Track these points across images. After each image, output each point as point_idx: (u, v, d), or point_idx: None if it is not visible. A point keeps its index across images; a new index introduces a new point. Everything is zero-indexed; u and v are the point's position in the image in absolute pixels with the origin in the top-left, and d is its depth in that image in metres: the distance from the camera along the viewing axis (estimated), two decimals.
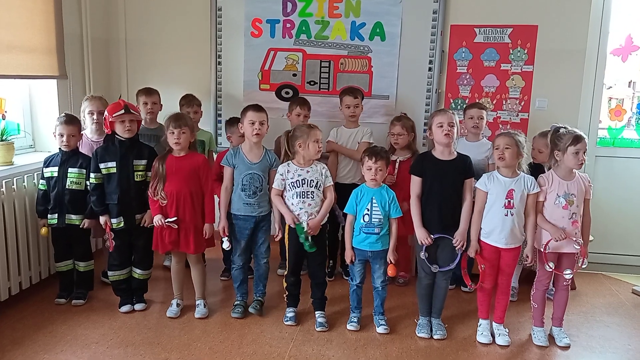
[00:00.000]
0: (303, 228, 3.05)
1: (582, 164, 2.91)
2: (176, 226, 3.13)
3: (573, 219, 2.93)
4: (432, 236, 3.00)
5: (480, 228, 3.03)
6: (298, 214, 3.09)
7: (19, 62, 3.59)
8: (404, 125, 3.70)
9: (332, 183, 3.21)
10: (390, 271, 3.07)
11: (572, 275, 3.00)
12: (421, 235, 3.01)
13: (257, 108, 3.23)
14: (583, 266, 2.98)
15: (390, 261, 3.07)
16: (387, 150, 3.73)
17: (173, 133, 3.12)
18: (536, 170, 3.16)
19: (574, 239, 2.92)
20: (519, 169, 2.99)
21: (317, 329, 3.15)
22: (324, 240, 3.23)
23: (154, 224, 3.14)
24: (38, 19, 3.75)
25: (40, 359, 2.77)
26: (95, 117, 3.55)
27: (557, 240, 2.92)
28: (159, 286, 3.68)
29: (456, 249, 3.00)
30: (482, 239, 3.03)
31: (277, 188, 3.15)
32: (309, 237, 3.06)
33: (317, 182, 3.14)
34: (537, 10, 4.05)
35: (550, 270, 2.97)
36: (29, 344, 2.90)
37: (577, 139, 2.89)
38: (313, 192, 3.12)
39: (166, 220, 3.11)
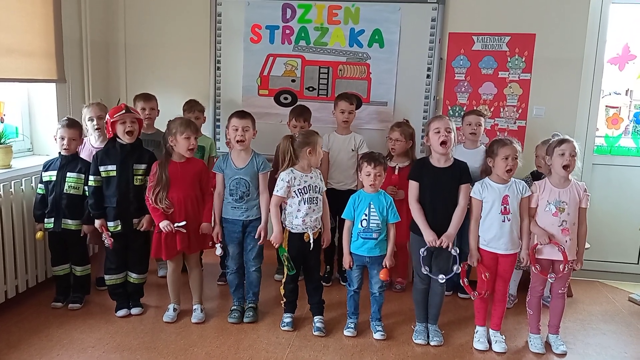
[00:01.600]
0: (285, 250, 3.10)
1: (568, 165, 2.91)
2: (185, 231, 3.12)
3: (563, 226, 2.94)
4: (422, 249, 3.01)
5: (478, 236, 3.04)
6: (303, 220, 3.09)
7: (18, 65, 3.60)
8: (402, 132, 3.70)
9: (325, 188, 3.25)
10: (383, 275, 3.05)
11: (554, 280, 3.00)
12: (429, 237, 2.99)
13: (241, 114, 3.23)
14: (564, 272, 2.96)
15: (385, 265, 3.07)
16: (385, 156, 3.75)
17: (189, 138, 3.13)
18: (537, 179, 3.18)
19: (559, 244, 2.92)
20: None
21: (315, 334, 3.15)
22: (319, 244, 3.21)
23: (162, 230, 3.10)
24: (37, 23, 3.75)
25: None
26: (95, 122, 3.55)
27: (541, 244, 2.95)
28: (155, 291, 3.67)
29: (450, 250, 2.98)
30: (480, 246, 3.04)
31: (280, 195, 3.10)
32: (290, 260, 3.10)
33: (319, 187, 3.16)
34: (535, 18, 4.08)
35: (536, 272, 3.00)
36: (25, 348, 2.89)
37: (561, 141, 2.94)
38: (318, 197, 3.14)
39: (175, 225, 3.10)
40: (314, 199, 3.12)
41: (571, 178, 2.99)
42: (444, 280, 3.02)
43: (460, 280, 3.11)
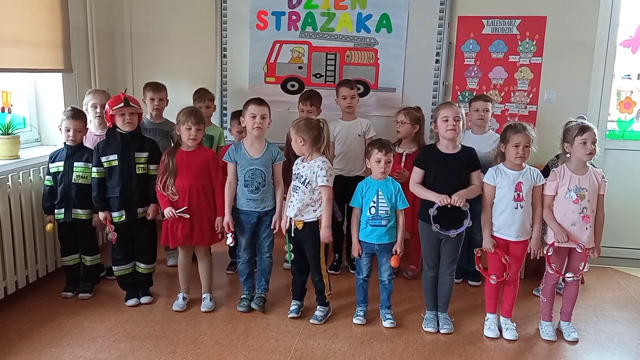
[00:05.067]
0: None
1: (591, 153, 2.87)
2: (187, 216, 3.12)
3: (584, 213, 2.90)
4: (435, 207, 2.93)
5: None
6: (288, 207, 3.09)
7: (25, 55, 3.59)
8: (407, 114, 3.66)
9: (324, 183, 2.97)
10: (394, 262, 3.03)
11: (572, 279, 2.99)
12: (437, 197, 2.92)
13: (259, 101, 3.19)
14: (585, 270, 2.96)
15: (396, 251, 3.05)
16: (394, 142, 3.70)
17: (190, 129, 3.11)
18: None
19: (578, 242, 2.90)
20: None
21: (310, 321, 3.14)
22: (315, 239, 3.07)
23: (165, 216, 3.13)
24: (43, 13, 3.74)
25: (47, 352, 2.78)
26: (98, 110, 3.55)
27: (559, 242, 2.91)
28: (165, 280, 3.69)
29: (461, 207, 2.91)
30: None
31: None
32: (291, 247, 3.08)
33: (305, 178, 3.02)
34: (546, 1, 4.01)
35: (552, 272, 2.98)
36: (35, 337, 2.91)
37: (583, 129, 2.88)
38: (299, 187, 3.04)
39: (177, 211, 3.11)
40: (296, 187, 3.05)
41: (588, 164, 2.95)
42: (455, 234, 2.96)
43: (476, 266, 3.10)
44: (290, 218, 3.07)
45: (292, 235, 3.09)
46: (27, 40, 3.60)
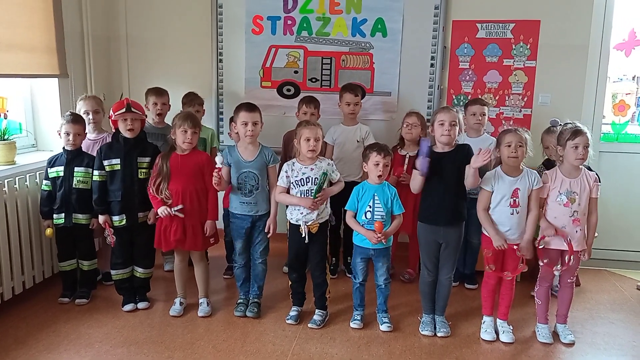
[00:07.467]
0: (325, 174, 3.08)
1: (582, 159, 2.88)
2: (182, 215, 3.11)
3: (574, 217, 2.91)
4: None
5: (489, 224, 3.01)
6: (301, 213, 3.08)
7: (20, 61, 3.58)
8: (419, 117, 3.69)
9: (339, 177, 3.17)
10: (377, 226, 2.96)
11: (560, 272, 3.01)
12: (422, 163, 2.92)
13: (250, 107, 3.18)
14: (569, 263, 2.95)
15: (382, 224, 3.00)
16: (396, 145, 3.71)
17: (186, 132, 3.11)
18: (550, 167, 3.15)
19: (565, 236, 2.91)
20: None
21: (309, 325, 3.15)
22: (324, 238, 3.19)
23: (160, 214, 3.12)
24: (38, 17, 3.74)
25: (44, 358, 2.77)
26: (90, 116, 3.55)
27: (547, 236, 2.94)
28: (162, 285, 3.68)
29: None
30: (487, 235, 3.02)
31: (281, 186, 3.12)
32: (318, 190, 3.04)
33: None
34: (540, 5, 4.03)
35: (543, 265, 3.00)
36: (32, 343, 2.91)
37: (575, 133, 2.88)
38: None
39: (173, 209, 3.09)
40: (312, 191, 3.07)
41: (581, 167, 2.96)
42: (422, 169, 2.91)
43: (487, 267, 3.05)
44: (304, 222, 3.07)
45: (307, 241, 3.08)
46: (21, 46, 3.59)
